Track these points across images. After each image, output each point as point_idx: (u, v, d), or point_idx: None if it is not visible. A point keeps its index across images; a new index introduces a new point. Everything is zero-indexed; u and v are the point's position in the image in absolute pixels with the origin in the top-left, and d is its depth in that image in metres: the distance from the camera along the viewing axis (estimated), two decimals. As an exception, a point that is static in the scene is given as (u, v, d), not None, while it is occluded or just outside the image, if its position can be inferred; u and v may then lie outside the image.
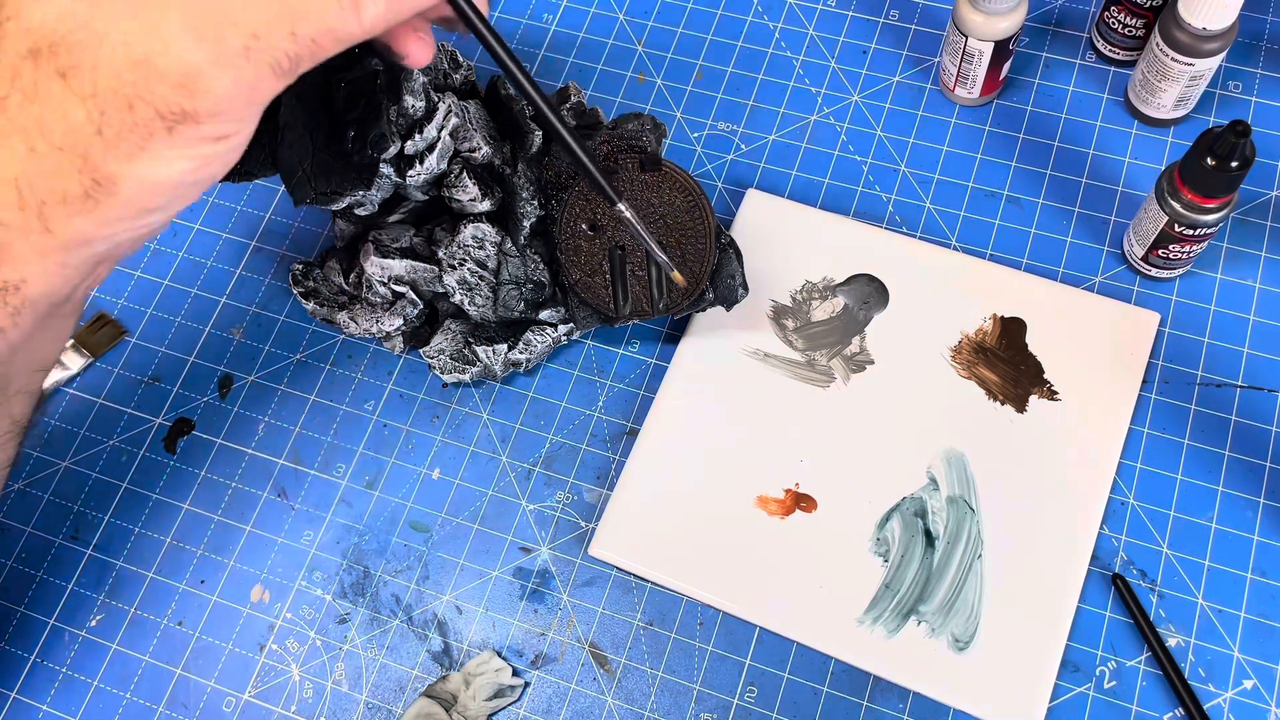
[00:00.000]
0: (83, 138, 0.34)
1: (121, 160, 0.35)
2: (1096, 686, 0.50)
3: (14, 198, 0.35)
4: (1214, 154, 0.48)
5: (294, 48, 0.35)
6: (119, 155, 0.35)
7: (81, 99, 0.34)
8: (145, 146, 0.35)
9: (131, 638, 0.55)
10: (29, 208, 0.35)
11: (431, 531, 0.56)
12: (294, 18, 0.35)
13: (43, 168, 0.35)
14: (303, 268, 0.59)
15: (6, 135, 0.35)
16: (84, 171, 0.35)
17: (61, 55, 0.34)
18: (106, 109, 0.34)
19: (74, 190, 0.35)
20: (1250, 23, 0.63)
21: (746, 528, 0.53)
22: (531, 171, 0.54)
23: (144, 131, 0.35)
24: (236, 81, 0.35)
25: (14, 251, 0.36)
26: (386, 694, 0.53)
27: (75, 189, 0.35)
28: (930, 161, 0.62)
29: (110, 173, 0.35)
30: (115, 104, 0.34)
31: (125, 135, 0.34)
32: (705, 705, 0.51)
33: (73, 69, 0.34)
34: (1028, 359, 0.55)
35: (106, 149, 0.35)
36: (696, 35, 0.67)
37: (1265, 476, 0.53)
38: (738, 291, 0.55)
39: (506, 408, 0.58)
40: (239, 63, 0.34)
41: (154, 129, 0.35)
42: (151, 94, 0.34)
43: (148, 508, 0.58)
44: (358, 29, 0.36)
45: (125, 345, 0.62)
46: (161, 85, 0.34)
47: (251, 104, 0.36)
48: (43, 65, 0.34)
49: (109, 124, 0.34)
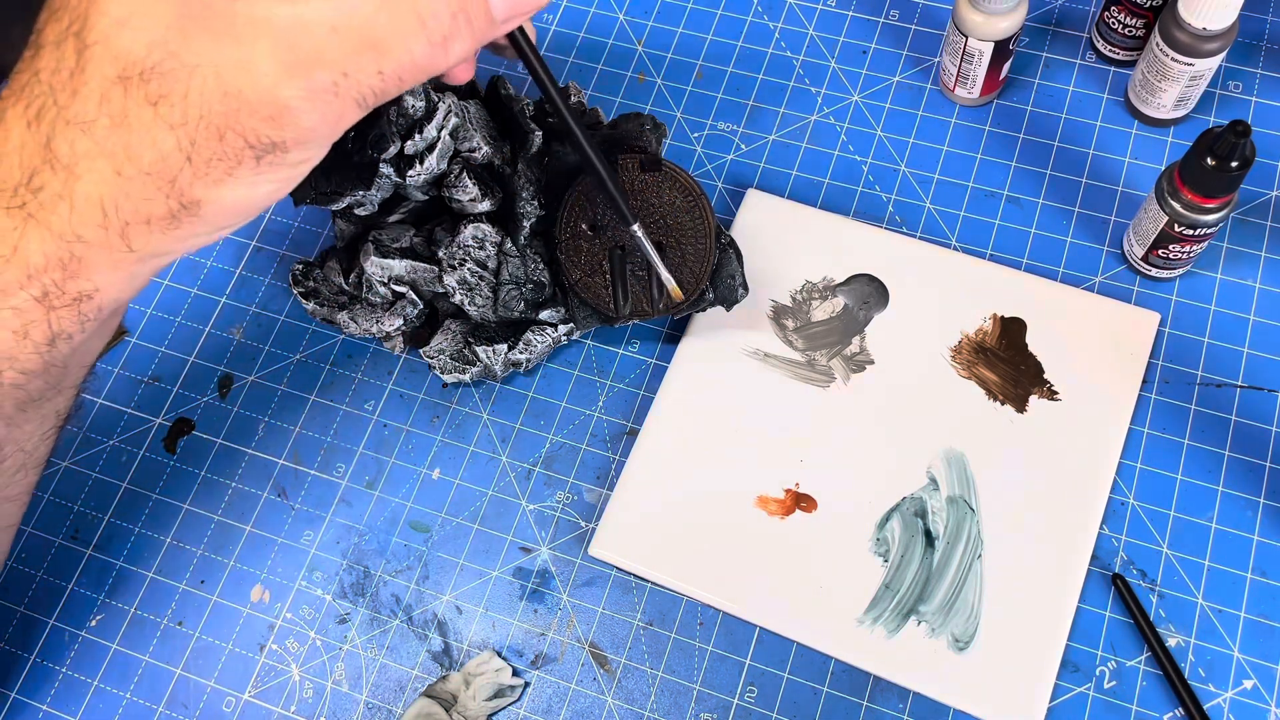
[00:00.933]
0: (172, 164, 0.35)
1: (209, 186, 0.36)
2: (1096, 686, 0.50)
3: (99, 217, 0.36)
4: (1214, 154, 0.48)
5: (380, 84, 0.36)
6: (207, 182, 0.36)
7: (171, 127, 0.34)
8: (233, 173, 0.36)
9: (131, 638, 0.55)
10: (112, 227, 0.36)
11: (431, 531, 0.56)
12: (382, 56, 0.35)
13: (129, 190, 0.35)
14: (303, 268, 0.59)
15: (93, 158, 0.35)
16: (170, 196, 0.36)
17: (152, 84, 0.34)
18: (196, 138, 0.35)
19: (159, 212, 0.36)
20: (1250, 23, 0.63)
21: (746, 528, 0.53)
22: (531, 171, 0.54)
23: (233, 160, 0.35)
24: (323, 115, 0.35)
25: (90, 265, 0.37)
26: (386, 694, 0.53)
27: (160, 211, 0.36)
28: (930, 161, 0.62)
29: (196, 197, 0.36)
30: (205, 134, 0.34)
31: (214, 163, 0.35)
32: (705, 705, 0.51)
33: (163, 98, 0.34)
34: (1028, 359, 0.55)
35: (195, 176, 0.35)
36: (696, 35, 0.67)
37: (1265, 476, 0.53)
38: (738, 291, 0.55)
39: (506, 408, 0.58)
40: (328, 98, 0.35)
41: (243, 157, 0.35)
42: (242, 126, 0.35)
43: (148, 508, 0.58)
44: (444, 64, 0.37)
45: (125, 345, 0.62)
46: (252, 118, 0.34)
47: (334, 134, 0.37)
48: (132, 92, 0.34)
49: (198, 152, 0.35)
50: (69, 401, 0.44)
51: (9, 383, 0.39)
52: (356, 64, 0.35)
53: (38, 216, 0.36)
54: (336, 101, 0.35)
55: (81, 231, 0.36)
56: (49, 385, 0.41)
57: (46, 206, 0.36)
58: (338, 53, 0.34)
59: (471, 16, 0.37)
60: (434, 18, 0.35)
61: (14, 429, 0.42)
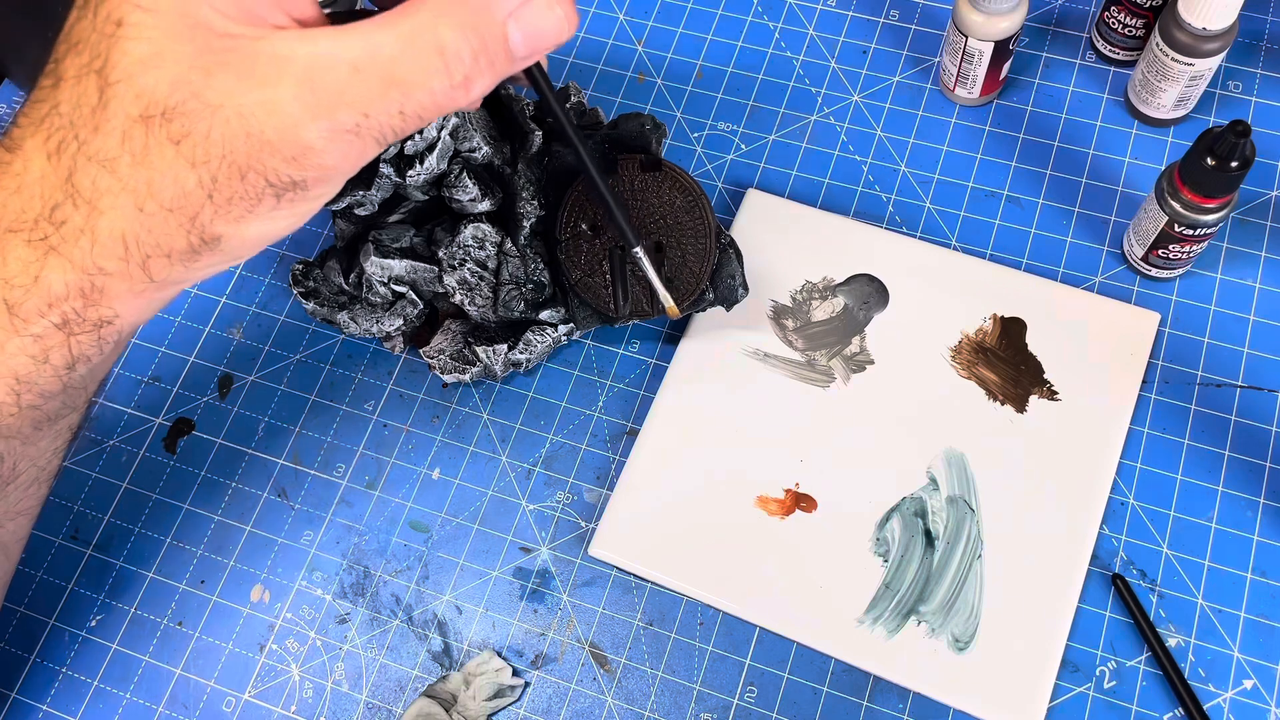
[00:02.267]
0: (193, 202, 0.35)
1: (229, 223, 0.36)
2: (1096, 686, 0.50)
3: (120, 250, 0.36)
4: (1214, 154, 0.48)
5: (400, 124, 0.36)
6: (229, 219, 0.36)
7: (193, 165, 0.35)
8: (254, 210, 0.36)
9: (131, 638, 0.55)
10: (133, 260, 0.36)
11: (431, 531, 0.56)
12: (404, 97, 0.35)
13: (150, 226, 0.36)
14: (303, 268, 0.59)
15: (115, 195, 0.35)
16: (192, 232, 0.36)
17: (175, 123, 0.34)
18: (219, 176, 0.35)
19: (180, 247, 0.36)
20: (1250, 23, 0.63)
21: (746, 528, 0.53)
22: (531, 171, 0.54)
23: (254, 198, 0.35)
24: (345, 154, 0.36)
25: (111, 295, 0.37)
26: (386, 694, 0.53)
27: (182, 245, 0.36)
28: (930, 161, 0.62)
29: (217, 233, 0.36)
30: (227, 173, 0.35)
31: (236, 201, 0.35)
32: (705, 705, 0.51)
33: (185, 137, 0.34)
34: (1028, 359, 0.55)
35: (216, 213, 0.36)
36: (696, 35, 0.67)
37: (1265, 476, 0.53)
38: (738, 291, 0.55)
39: (506, 408, 0.58)
40: (349, 139, 0.35)
41: (264, 196, 0.35)
42: (264, 165, 0.35)
43: (148, 508, 0.58)
44: (464, 103, 0.37)
45: (125, 345, 0.62)
46: (274, 158, 0.35)
47: (353, 170, 0.37)
48: (154, 131, 0.34)
49: (220, 190, 0.35)
50: (81, 416, 0.44)
51: (28, 404, 0.39)
52: (379, 105, 0.35)
53: (60, 249, 0.36)
54: (358, 141, 0.35)
55: (103, 264, 0.36)
56: (66, 405, 0.41)
57: (69, 240, 0.36)
58: (360, 93, 0.34)
59: (493, 56, 0.36)
60: (456, 58, 0.35)
61: (29, 446, 0.42)
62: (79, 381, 0.40)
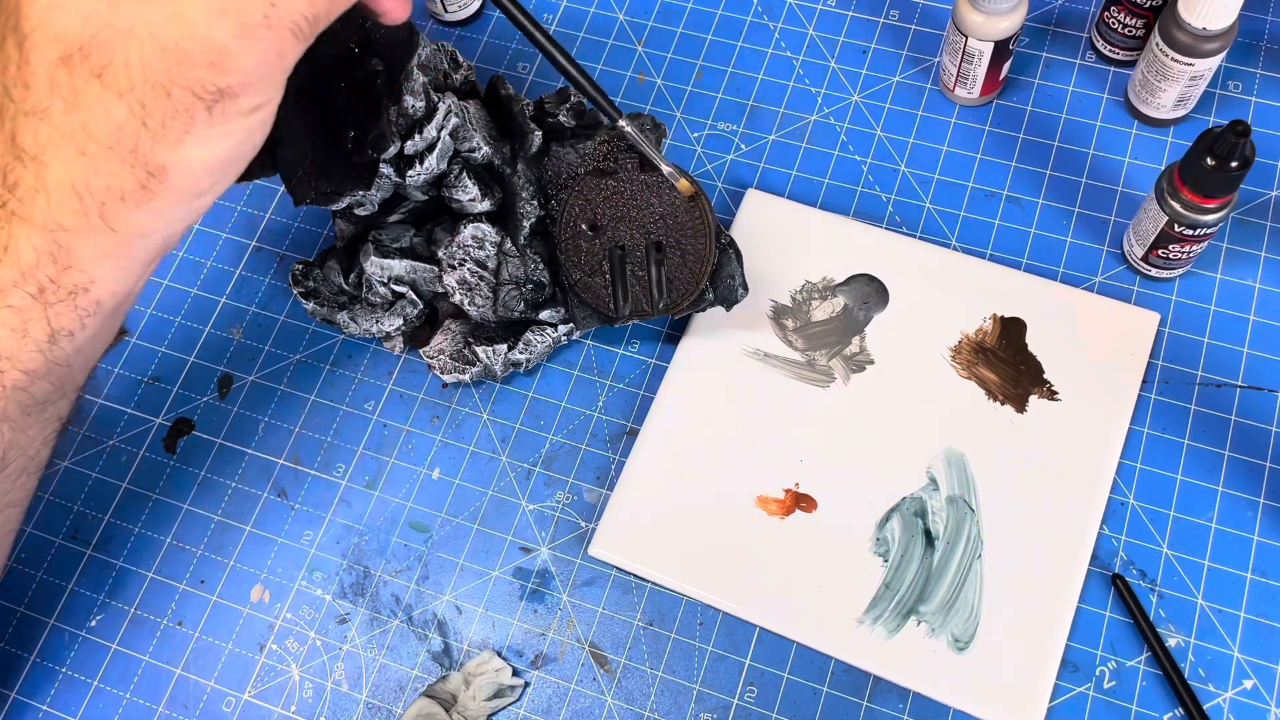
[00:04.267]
0: (129, 133, 0.35)
1: (170, 148, 0.36)
2: (1096, 686, 0.50)
3: (75, 203, 0.36)
4: (1214, 154, 0.48)
5: (310, 9, 0.36)
6: (166, 143, 0.36)
7: (120, 95, 0.35)
8: (189, 130, 0.36)
9: (131, 638, 0.55)
10: (90, 210, 0.36)
11: (431, 531, 0.56)
12: None
13: (96, 168, 0.36)
14: (303, 268, 0.59)
15: (56, 143, 0.36)
16: (136, 165, 0.36)
17: (93, 57, 0.35)
18: (146, 100, 0.35)
19: (129, 185, 0.36)
20: (1250, 23, 0.63)
21: (746, 528, 0.53)
22: (531, 171, 0.54)
23: (186, 116, 0.36)
24: (263, 51, 0.36)
25: (80, 255, 0.37)
26: (386, 694, 0.53)
27: (130, 183, 0.36)
28: (930, 161, 0.62)
29: (161, 162, 0.36)
30: (153, 94, 0.35)
31: (169, 123, 0.36)
32: (705, 705, 0.51)
33: (106, 68, 0.35)
34: (1028, 359, 0.55)
35: (154, 140, 0.36)
36: (696, 35, 0.67)
37: (1265, 476, 0.53)
38: (738, 291, 0.55)
39: (506, 408, 0.58)
40: (262, 33, 0.35)
41: (194, 111, 0.36)
42: (186, 78, 0.35)
43: (148, 508, 0.58)
44: None
45: (125, 345, 0.62)
46: (194, 68, 0.35)
47: (279, 70, 0.37)
48: (77, 70, 0.35)
49: (151, 115, 0.35)
50: (70, 405, 0.44)
51: (12, 384, 0.39)
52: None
53: (19, 213, 0.36)
54: (272, 34, 0.36)
55: (63, 219, 0.36)
56: (54, 389, 0.41)
57: (26, 201, 0.36)
58: None
59: None
60: None
61: (18, 434, 0.42)
62: (63, 359, 0.40)
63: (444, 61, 0.55)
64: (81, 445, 0.59)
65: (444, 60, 0.55)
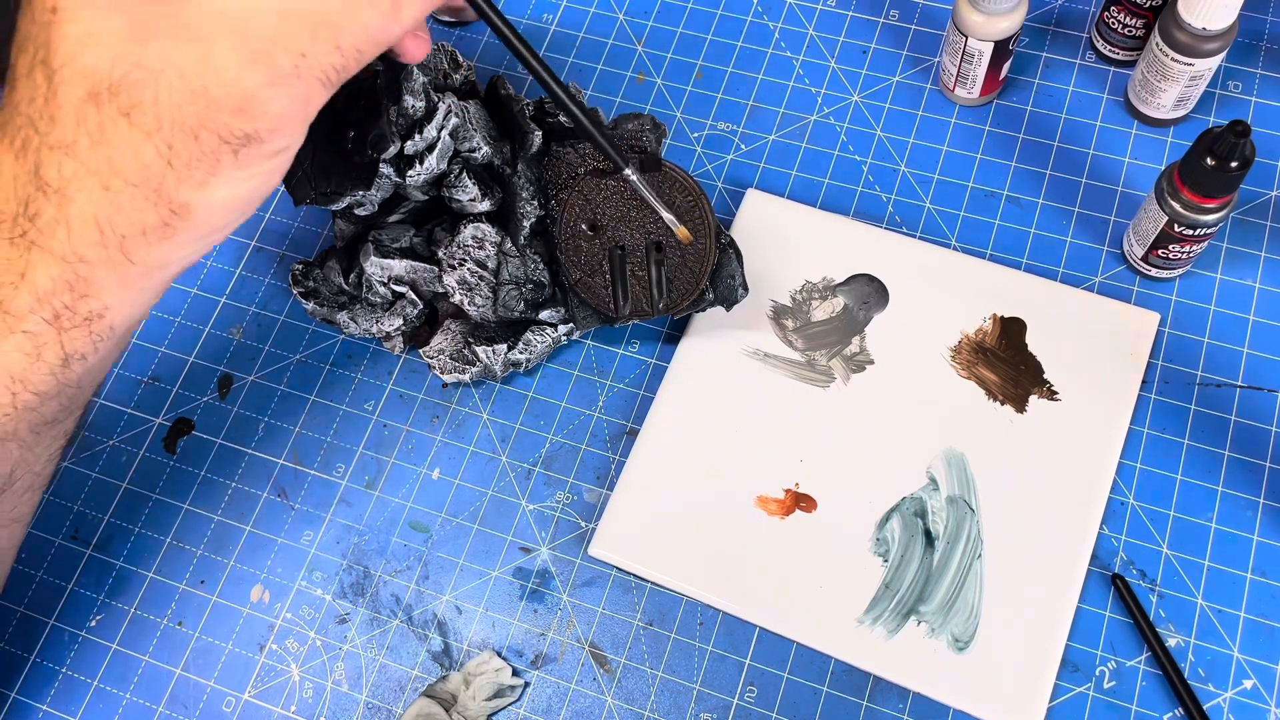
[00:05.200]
0: (155, 172, 0.36)
1: (194, 189, 0.36)
2: (1096, 686, 0.50)
3: (95, 235, 0.36)
4: (1214, 154, 0.48)
5: (340, 60, 0.37)
6: (191, 184, 0.36)
7: (148, 135, 0.35)
8: (215, 172, 0.36)
9: (131, 638, 0.55)
10: (110, 244, 0.37)
11: (431, 531, 0.56)
12: (337, 31, 0.36)
13: (119, 204, 0.36)
14: (303, 268, 0.59)
15: (80, 178, 0.36)
16: (159, 204, 0.36)
17: (122, 96, 0.35)
18: (173, 142, 0.35)
19: (152, 222, 0.37)
20: (1250, 23, 0.63)
21: (746, 528, 0.53)
22: (531, 171, 0.54)
23: (212, 159, 0.36)
24: (291, 99, 0.36)
25: (97, 285, 0.37)
26: (386, 694, 0.53)
27: (153, 220, 0.36)
28: (930, 161, 0.62)
29: (184, 201, 0.36)
30: (181, 136, 0.35)
31: (195, 164, 0.36)
32: (705, 705, 0.51)
33: (135, 108, 0.35)
34: (1028, 359, 0.55)
35: (179, 180, 0.36)
36: (696, 35, 0.67)
37: (1265, 476, 0.53)
38: (738, 291, 0.55)
39: (506, 408, 0.58)
40: (291, 81, 0.36)
41: (221, 154, 0.36)
42: (214, 122, 0.35)
43: (148, 508, 0.58)
44: (398, 30, 0.37)
45: (123, 347, 0.62)
46: (222, 113, 0.35)
47: (305, 118, 0.37)
48: (104, 108, 0.35)
49: (178, 156, 0.35)
50: (75, 422, 0.44)
51: (23, 405, 0.39)
52: (313, 43, 0.35)
53: (39, 243, 0.36)
54: (300, 83, 0.36)
55: (83, 251, 0.37)
56: (63, 408, 0.41)
57: (46, 232, 0.36)
58: (292, 35, 0.35)
59: None
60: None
61: (26, 452, 0.42)
62: (74, 380, 0.40)
63: (444, 61, 0.55)
64: (81, 445, 0.59)
65: (444, 60, 0.55)
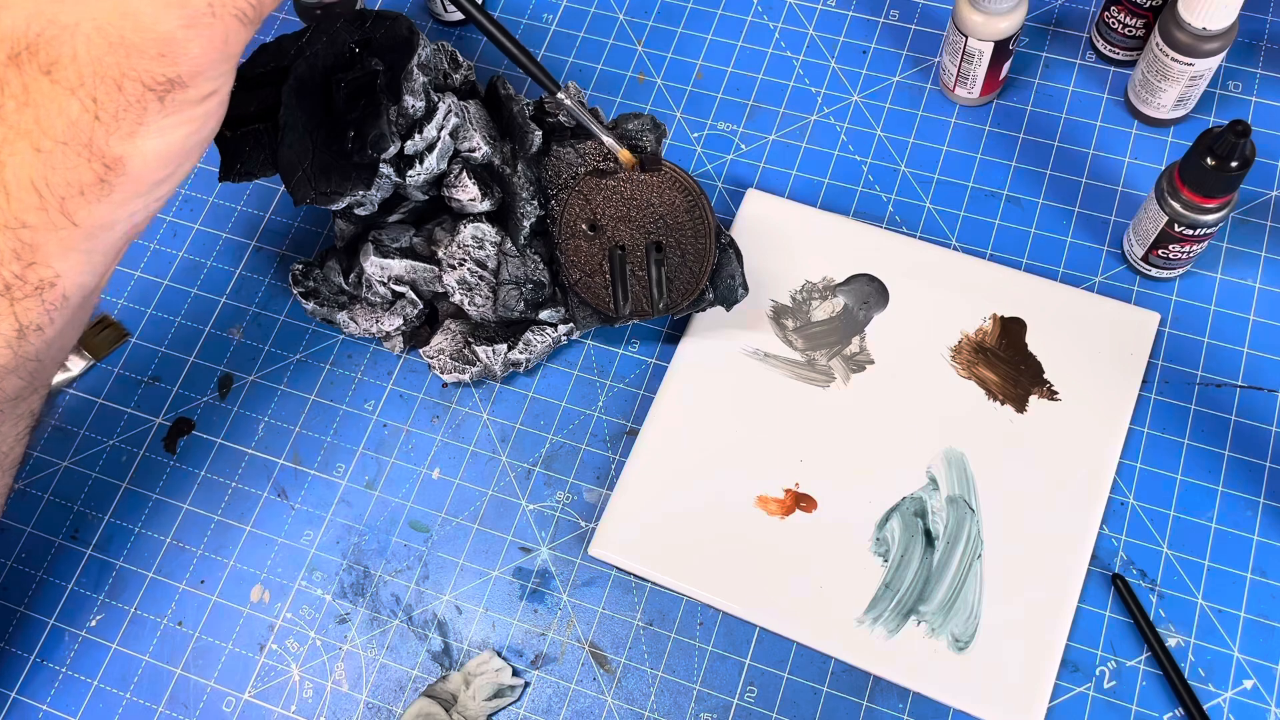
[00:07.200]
0: (83, 128, 0.36)
1: (124, 140, 0.36)
2: (1096, 686, 0.50)
3: (35, 199, 0.36)
4: (1214, 154, 0.48)
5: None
6: (121, 136, 0.36)
7: (72, 91, 0.35)
8: (143, 121, 0.36)
9: (131, 638, 0.55)
10: (50, 206, 0.36)
11: (431, 531, 0.56)
12: None
13: (53, 164, 0.36)
14: (303, 268, 0.59)
15: (11, 141, 0.36)
16: (92, 159, 0.36)
17: (41, 54, 0.35)
18: (98, 95, 0.35)
19: (88, 179, 0.36)
20: (1250, 23, 0.63)
21: (746, 528, 0.53)
22: (531, 171, 0.54)
23: (138, 107, 0.36)
24: (210, 40, 0.36)
25: (44, 250, 0.37)
26: (386, 694, 0.53)
27: (89, 177, 0.36)
28: (930, 161, 0.62)
29: (117, 154, 0.36)
30: (104, 88, 0.35)
31: (122, 115, 0.36)
32: (705, 705, 0.51)
33: (55, 64, 0.35)
34: (1028, 359, 0.55)
35: (108, 133, 0.36)
36: (696, 35, 0.67)
37: (1265, 476, 0.53)
38: (738, 291, 0.55)
39: (506, 408, 0.58)
40: (208, 21, 0.36)
41: (146, 103, 0.36)
42: (136, 70, 0.35)
43: (148, 508, 0.58)
44: None
45: (125, 345, 0.62)
46: (142, 59, 0.35)
47: (227, 57, 0.37)
48: (26, 68, 0.35)
49: (104, 108, 0.35)
50: (41, 400, 0.44)
51: None
52: None
53: None
54: (218, 23, 0.36)
55: (24, 217, 0.36)
56: (25, 384, 0.41)
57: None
58: None
59: None
60: None
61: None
62: (33, 354, 0.40)
63: (444, 61, 0.55)
64: (81, 445, 0.59)
65: (444, 60, 0.55)
